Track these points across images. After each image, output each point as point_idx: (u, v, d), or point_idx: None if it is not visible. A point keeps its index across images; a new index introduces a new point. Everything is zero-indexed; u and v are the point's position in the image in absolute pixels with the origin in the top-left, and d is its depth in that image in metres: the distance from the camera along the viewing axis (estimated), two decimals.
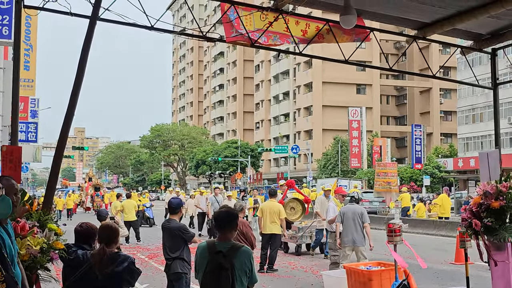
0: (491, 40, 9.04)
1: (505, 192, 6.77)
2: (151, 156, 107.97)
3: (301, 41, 8.18)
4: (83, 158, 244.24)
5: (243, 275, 4.86)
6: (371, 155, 65.90)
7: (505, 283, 6.90)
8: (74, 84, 6.57)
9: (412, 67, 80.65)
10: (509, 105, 57.39)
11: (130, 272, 5.13)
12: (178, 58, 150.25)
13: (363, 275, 9.76)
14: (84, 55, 6.59)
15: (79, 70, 6.57)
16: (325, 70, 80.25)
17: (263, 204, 15.96)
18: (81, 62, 6.57)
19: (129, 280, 5.17)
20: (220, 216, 5.11)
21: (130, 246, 20.93)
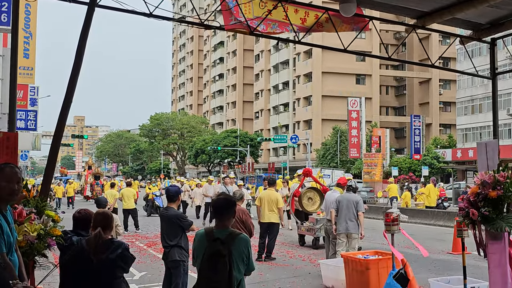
0: (490, 30, 9.02)
1: (503, 182, 6.77)
2: (150, 145, 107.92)
3: (300, 30, 8.15)
4: (82, 146, 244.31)
5: (240, 263, 4.88)
6: (370, 145, 65.88)
7: (502, 273, 6.92)
8: (72, 71, 6.56)
9: (412, 57, 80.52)
10: (508, 97, 57.35)
11: (124, 258, 5.14)
12: (178, 47, 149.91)
13: (360, 264, 9.80)
14: (82, 42, 6.58)
15: (77, 57, 6.56)
16: (324, 60, 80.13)
17: (261, 193, 15.96)
18: (79, 49, 6.56)
19: (123, 266, 5.18)
20: (219, 203, 5.12)
21: (129, 234, 20.96)
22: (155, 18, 7.67)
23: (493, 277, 7.01)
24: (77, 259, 5.14)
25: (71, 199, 39.56)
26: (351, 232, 11.98)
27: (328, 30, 8.24)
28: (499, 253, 6.93)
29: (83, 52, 6.61)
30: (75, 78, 6.55)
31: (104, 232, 5.17)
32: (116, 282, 5.21)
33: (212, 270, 4.82)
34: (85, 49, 6.65)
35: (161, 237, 8.44)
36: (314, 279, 11.67)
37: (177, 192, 8.57)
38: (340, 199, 12.34)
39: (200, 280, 4.94)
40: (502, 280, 6.88)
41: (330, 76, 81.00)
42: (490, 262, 7.06)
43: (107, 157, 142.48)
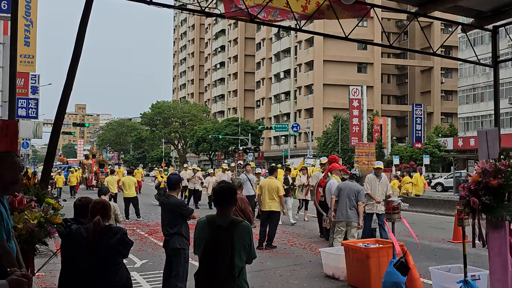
0: (492, 18, 8.97)
1: (504, 170, 6.76)
2: (151, 133, 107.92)
3: (301, 17, 8.11)
4: (84, 135, 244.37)
5: (242, 250, 4.87)
6: (372, 134, 65.84)
7: (502, 261, 6.92)
8: (72, 59, 6.54)
9: (413, 46, 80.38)
10: (510, 85, 57.25)
11: (123, 243, 5.19)
12: (179, 36, 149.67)
13: (361, 252, 9.81)
14: (81, 29, 6.55)
15: (76, 45, 6.54)
16: (326, 49, 79.96)
17: (262, 181, 15.96)
18: (79, 37, 6.54)
19: (123, 251, 5.22)
20: (220, 192, 5.12)
21: (130, 222, 21.00)
22: (155, 6, 7.63)
23: (493, 266, 7.01)
24: (77, 247, 5.17)
25: (73, 188, 39.24)
26: (351, 221, 12.01)
27: (329, 18, 8.19)
28: (500, 242, 6.93)
29: (83, 39, 6.58)
30: (74, 65, 6.53)
31: (102, 220, 5.20)
32: (116, 268, 5.23)
33: (214, 258, 4.82)
34: (84, 36, 6.62)
35: (162, 225, 8.44)
36: (314, 268, 11.69)
37: (178, 180, 8.58)
38: (342, 186, 12.35)
39: (201, 267, 4.95)
40: (503, 269, 6.88)
41: (331, 64, 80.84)
42: (491, 250, 7.06)
43: (109, 145, 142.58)
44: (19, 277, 3.12)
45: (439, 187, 46.04)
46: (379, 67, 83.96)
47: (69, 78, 6.52)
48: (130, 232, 16.56)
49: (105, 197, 10.18)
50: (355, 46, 79.14)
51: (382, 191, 14.25)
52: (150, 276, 10.93)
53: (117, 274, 5.24)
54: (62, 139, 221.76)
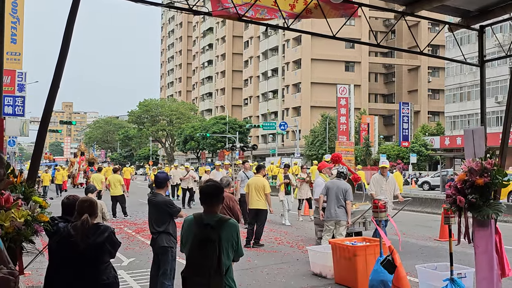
0: (479, 17, 9.02)
1: (490, 169, 6.81)
2: (139, 131, 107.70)
3: (289, 16, 8.12)
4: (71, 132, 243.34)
5: (229, 248, 4.87)
6: (359, 132, 66.07)
7: (488, 259, 6.97)
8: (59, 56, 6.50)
9: (401, 45, 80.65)
10: (496, 84, 57.59)
11: (111, 242, 5.18)
12: (167, 33, 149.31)
13: (348, 251, 9.85)
14: (69, 26, 6.51)
15: (64, 42, 6.51)
16: (314, 47, 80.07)
17: (249, 180, 15.96)
18: (66, 34, 6.50)
19: (111, 250, 5.21)
20: (207, 189, 5.11)
21: (117, 220, 20.95)
22: (142, 3, 7.60)
23: (479, 264, 7.06)
24: (64, 245, 5.15)
25: (60, 187, 38.70)
26: (340, 219, 12.01)
27: (317, 17, 8.20)
28: (486, 240, 6.99)
29: (70, 36, 6.54)
30: (62, 63, 6.49)
31: (90, 218, 5.19)
32: (103, 267, 5.22)
33: (201, 256, 4.81)
34: (72, 33, 6.58)
35: (149, 223, 8.43)
36: (302, 266, 11.72)
37: (166, 178, 8.58)
38: (330, 185, 12.31)
39: (188, 265, 4.94)
40: (488, 266, 6.93)
41: (319, 63, 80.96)
42: (477, 248, 7.11)
43: (96, 143, 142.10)
44: (5, 274, 3.11)
45: (426, 186, 46.26)
46: (367, 66, 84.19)
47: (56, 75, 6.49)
48: (118, 230, 16.53)
49: (92, 195, 10.15)
50: (343, 45, 79.30)
51: (390, 190, 13.87)
52: (138, 275, 10.92)
53: (104, 273, 5.23)
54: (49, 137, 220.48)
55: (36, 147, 6.59)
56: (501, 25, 53.51)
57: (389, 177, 14.06)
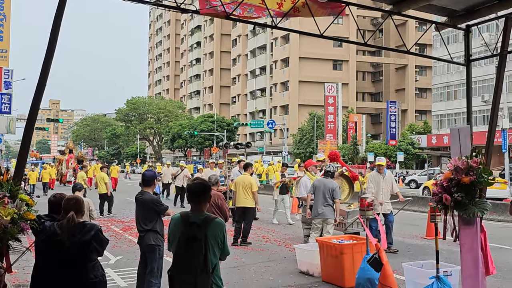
0: (465, 17, 9.07)
1: (476, 168, 6.84)
2: (126, 129, 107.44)
3: (277, 14, 8.13)
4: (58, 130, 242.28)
5: (216, 247, 4.88)
6: (346, 131, 66.21)
7: (473, 257, 7.02)
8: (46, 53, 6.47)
9: (388, 43, 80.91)
10: (483, 83, 57.91)
11: (98, 241, 5.16)
12: (155, 31, 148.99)
13: (335, 249, 9.88)
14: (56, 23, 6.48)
15: (51, 39, 6.48)
16: (302, 46, 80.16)
17: (237, 178, 15.96)
18: (53, 31, 6.46)
19: (98, 248, 5.20)
20: (194, 188, 5.12)
21: (105, 218, 20.89)
22: (130, 1, 7.57)
23: (464, 261, 7.10)
24: (50, 244, 5.13)
25: (46, 185, 37.97)
26: (327, 218, 12.01)
27: (305, 15, 8.22)
28: (471, 238, 7.02)
29: (57, 33, 6.51)
30: (49, 60, 6.46)
31: (76, 216, 5.17)
32: (90, 265, 5.21)
33: (187, 254, 4.82)
34: (59, 30, 6.54)
35: (136, 221, 8.42)
36: (289, 264, 11.75)
37: (153, 176, 8.56)
38: (317, 184, 12.28)
39: (175, 264, 4.95)
40: (473, 264, 6.97)
41: (307, 61, 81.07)
42: (462, 246, 7.15)
43: (83, 141, 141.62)
44: None
45: (412, 184, 46.43)
46: (354, 65, 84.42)
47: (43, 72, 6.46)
48: (105, 228, 16.50)
49: (79, 194, 10.11)
50: (331, 44, 79.43)
51: (387, 188, 13.49)
52: (125, 273, 10.91)
53: (92, 271, 5.21)
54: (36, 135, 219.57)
55: (23, 145, 6.56)
56: (488, 24, 53.79)
57: (386, 175, 13.67)
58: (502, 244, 13.36)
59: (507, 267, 10.31)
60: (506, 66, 8.13)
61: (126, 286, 9.90)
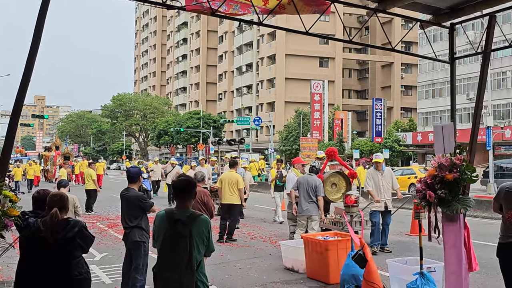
0: (450, 15, 9.13)
1: (459, 165, 6.90)
2: (112, 125, 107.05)
3: (263, 11, 8.13)
4: (43, 127, 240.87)
5: (200, 243, 4.89)
6: (332, 128, 66.38)
7: (456, 253, 7.08)
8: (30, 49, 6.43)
9: (374, 41, 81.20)
10: (468, 81, 58.26)
11: (82, 237, 5.14)
12: (141, 27, 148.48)
13: (320, 245, 9.91)
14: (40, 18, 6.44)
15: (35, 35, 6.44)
16: (288, 43, 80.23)
17: (222, 174, 15.95)
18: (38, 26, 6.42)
19: (82, 245, 5.17)
20: (179, 184, 5.13)
21: (90, 215, 20.81)
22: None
23: (448, 258, 7.17)
24: (34, 240, 5.12)
25: (31, 182, 36.96)
26: (311, 214, 12.04)
27: (290, 13, 8.23)
28: (454, 235, 7.09)
29: (42, 28, 6.46)
30: (33, 56, 6.42)
31: (60, 213, 5.15)
32: (74, 262, 5.19)
33: (172, 251, 4.83)
34: (43, 25, 6.49)
35: (122, 218, 8.40)
36: (274, 260, 11.78)
37: (138, 173, 8.55)
38: (301, 180, 12.29)
39: (160, 260, 4.96)
40: (457, 260, 7.04)
41: (293, 58, 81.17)
42: (446, 243, 7.21)
43: (68, 137, 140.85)
44: None
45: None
46: (341, 62, 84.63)
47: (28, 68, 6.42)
48: (90, 225, 16.43)
49: (64, 190, 10.07)
50: (317, 41, 79.55)
51: (387, 185, 13.03)
52: (110, 270, 10.88)
53: (76, 268, 5.19)
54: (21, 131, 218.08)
55: (7, 141, 6.52)
56: (473, 22, 54.11)
57: (384, 171, 13.20)
58: (486, 241, 13.45)
59: (491, 264, 10.38)
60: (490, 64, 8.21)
61: (111, 282, 9.88)
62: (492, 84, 51.29)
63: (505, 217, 6.25)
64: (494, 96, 52.00)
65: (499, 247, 6.63)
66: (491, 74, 47.64)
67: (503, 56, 56.20)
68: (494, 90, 53.95)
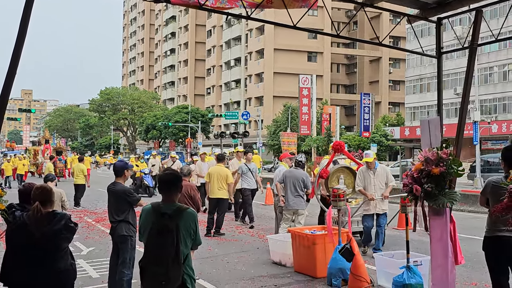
0: (437, 9, 9.14)
1: (445, 159, 6.93)
2: (100, 120, 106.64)
3: (250, 5, 8.11)
4: (30, 121, 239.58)
5: (187, 237, 4.89)
6: (321, 122, 66.39)
7: (442, 247, 7.12)
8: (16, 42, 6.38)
9: (363, 36, 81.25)
10: (455, 76, 58.51)
11: (68, 229, 5.17)
12: (129, 21, 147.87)
13: (307, 239, 9.94)
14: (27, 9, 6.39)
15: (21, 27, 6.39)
16: (277, 37, 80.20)
17: (210, 168, 15.94)
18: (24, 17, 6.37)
19: (68, 236, 5.21)
20: (166, 178, 5.14)
21: (78, 209, 20.75)
22: None
23: (434, 251, 7.20)
24: (20, 233, 5.12)
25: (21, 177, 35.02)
26: (298, 208, 12.06)
27: (278, 7, 8.21)
28: (441, 228, 7.12)
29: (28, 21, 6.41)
30: (19, 49, 6.37)
31: (44, 206, 5.16)
32: (60, 254, 5.21)
33: (159, 245, 4.82)
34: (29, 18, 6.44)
35: (108, 212, 8.39)
36: (262, 254, 11.80)
37: (123, 167, 8.51)
38: (287, 174, 12.29)
39: (146, 254, 4.95)
40: (443, 254, 7.07)
41: (282, 53, 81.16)
42: (432, 236, 7.24)
43: (56, 132, 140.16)
44: None
45: None
46: (329, 57, 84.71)
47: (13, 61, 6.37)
48: (77, 219, 16.38)
49: (51, 184, 10.03)
50: (306, 35, 79.56)
51: (379, 184, 11.95)
52: (97, 264, 10.87)
53: (62, 260, 5.22)
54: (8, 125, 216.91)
55: None
56: (461, 17, 54.29)
57: (377, 169, 12.01)
58: (472, 235, 13.52)
59: (476, 257, 10.45)
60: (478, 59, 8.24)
61: (99, 276, 9.86)
62: (479, 79, 51.54)
63: (491, 211, 6.28)
64: (481, 91, 52.24)
65: (485, 240, 6.67)
66: (478, 69, 47.82)
67: (490, 51, 56.48)
68: (481, 85, 54.21)
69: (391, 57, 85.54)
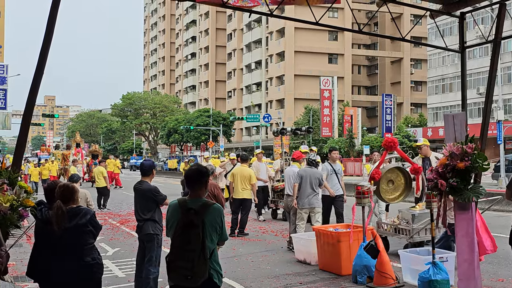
0: (459, 4, 9.11)
1: (470, 153, 6.90)
2: (122, 124, 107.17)
3: (272, 2, 8.14)
4: (53, 126, 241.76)
5: (213, 232, 4.91)
6: (342, 124, 66.25)
7: (469, 242, 7.08)
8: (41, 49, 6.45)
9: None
10: (478, 76, 57.98)
11: (93, 224, 5.31)
12: (149, 26, 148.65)
13: (332, 237, 9.94)
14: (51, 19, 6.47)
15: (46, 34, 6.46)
16: (297, 39, 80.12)
17: (234, 169, 16.00)
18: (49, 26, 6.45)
19: (93, 231, 5.34)
20: (191, 173, 5.16)
21: (102, 212, 20.94)
22: None
23: (460, 246, 7.17)
24: (45, 229, 5.25)
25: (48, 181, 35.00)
26: (315, 207, 12.06)
27: (300, 3, 8.22)
28: (467, 223, 7.09)
29: (53, 29, 6.48)
30: (44, 56, 6.45)
31: (66, 204, 5.28)
32: (87, 248, 5.31)
33: (185, 240, 4.84)
34: (54, 26, 6.51)
35: (135, 211, 8.45)
36: (286, 253, 11.82)
37: (151, 166, 8.55)
38: (303, 173, 12.20)
39: (173, 250, 4.97)
40: (469, 249, 7.04)
41: (302, 55, 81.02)
42: (458, 231, 7.21)
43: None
44: None
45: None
46: (350, 58, 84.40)
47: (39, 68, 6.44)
48: (102, 221, 16.53)
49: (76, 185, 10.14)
50: (326, 37, 79.43)
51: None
52: (122, 264, 10.96)
53: (89, 254, 5.34)
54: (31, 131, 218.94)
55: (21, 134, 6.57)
56: (483, 16, 53.88)
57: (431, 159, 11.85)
58: (498, 233, 13.38)
59: (503, 254, 10.39)
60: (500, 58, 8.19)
61: (124, 276, 9.95)
62: (502, 78, 51.02)
63: None
64: (505, 91, 51.67)
65: (511, 235, 6.64)
66: (501, 68, 47.33)
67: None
68: (505, 85, 53.63)
69: (412, 57, 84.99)
